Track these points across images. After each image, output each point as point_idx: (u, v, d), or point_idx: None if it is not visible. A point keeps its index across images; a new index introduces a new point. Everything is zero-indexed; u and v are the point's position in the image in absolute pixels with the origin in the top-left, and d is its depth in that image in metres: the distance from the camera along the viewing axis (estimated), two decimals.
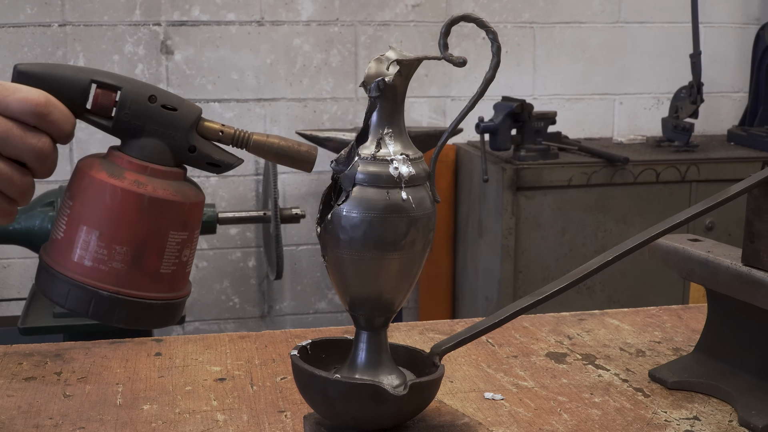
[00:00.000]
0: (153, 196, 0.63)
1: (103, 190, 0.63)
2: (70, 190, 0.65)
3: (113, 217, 0.63)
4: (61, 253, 0.64)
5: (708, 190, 2.48)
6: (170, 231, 0.64)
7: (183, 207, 0.65)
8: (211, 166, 0.67)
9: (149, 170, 0.64)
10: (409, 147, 0.72)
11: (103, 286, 0.63)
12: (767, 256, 0.87)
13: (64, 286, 0.63)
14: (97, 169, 0.64)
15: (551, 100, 2.92)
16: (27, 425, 0.84)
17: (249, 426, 0.85)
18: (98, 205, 0.63)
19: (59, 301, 0.64)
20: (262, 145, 0.68)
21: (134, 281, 0.64)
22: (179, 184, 0.65)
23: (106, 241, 0.63)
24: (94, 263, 0.63)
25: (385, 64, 0.71)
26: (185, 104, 0.66)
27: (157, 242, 0.64)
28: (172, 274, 0.65)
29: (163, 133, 0.65)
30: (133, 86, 0.65)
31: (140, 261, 0.64)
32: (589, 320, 1.15)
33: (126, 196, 0.63)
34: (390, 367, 0.75)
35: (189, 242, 0.66)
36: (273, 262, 2.29)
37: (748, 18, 3.03)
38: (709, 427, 0.85)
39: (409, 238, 0.71)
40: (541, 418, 0.87)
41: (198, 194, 0.66)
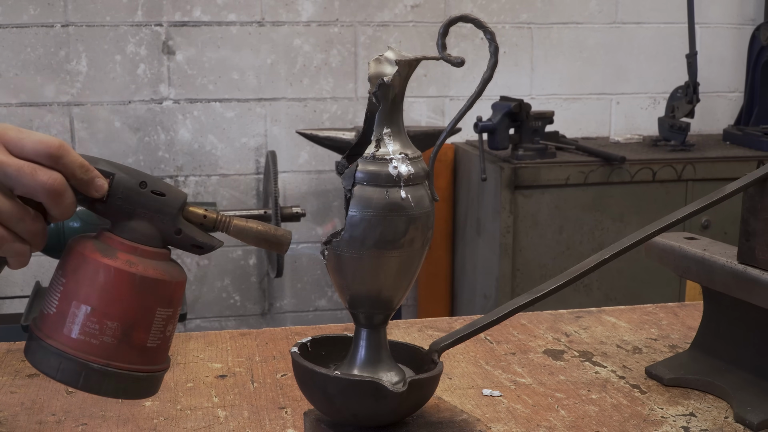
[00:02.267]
0: (144, 275, 0.66)
1: (97, 269, 0.66)
2: (62, 268, 0.68)
3: (106, 294, 0.66)
4: (53, 327, 0.67)
5: (704, 189, 2.49)
6: (157, 308, 0.67)
7: (170, 285, 0.68)
8: (194, 247, 0.71)
9: (139, 251, 0.67)
10: (408, 146, 0.73)
11: (94, 359, 0.66)
12: (762, 254, 0.87)
13: (56, 359, 0.66)
14: (90, 249, 0.67)
15: (549, 99, 2.93)
16: (30, 422, 0.85)
17: (250, 422, 0.85)
18: (92, 282, 0.66)
19: (50, 373, 0.66)
20: (242, 229, 0.72)
21: (123, 354, 0.66)
22: (166, 264, 0.69)
23: (98, 317, 0.66)
24: (86, 337, 0.66)
25: (385, 65, 0.71)
26: (172, 190, 0.70)
27: (146, 318, 0.67)
28: (157, 348, 0.68)
29: (152, 217, 0.69)
30: (126, 173, 0.68)
31: (129, 335, 0.66)
32: (586, 318, 1.16)
33: (119, 275, 0.66)
34: (389, 364, 0.76)
35: (173, 318, 0.69)
36: (273, 260, 2.30)
37: (743, 18, 3.04)
38: (705, 423, 0.86)
39: (408, 236, 0.72)
40: (538, 414, 0.88)
41: (182, 274, 0.70)
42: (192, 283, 2.75)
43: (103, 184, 0.67)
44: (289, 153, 2.75)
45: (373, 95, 0.71)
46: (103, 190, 0.67)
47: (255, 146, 2.73)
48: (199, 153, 2.71)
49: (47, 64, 2.56)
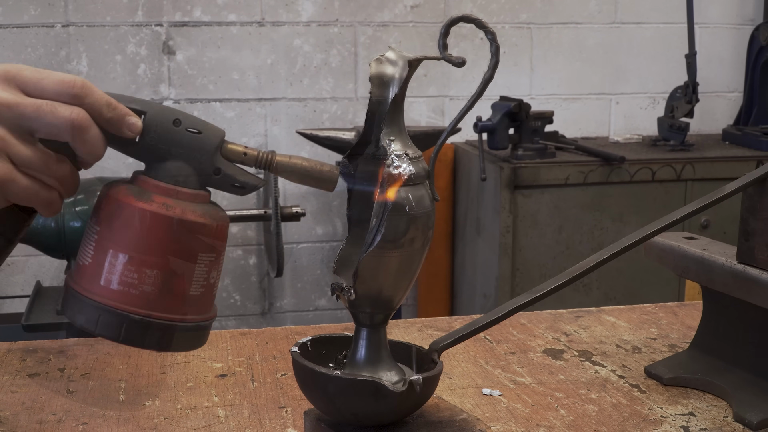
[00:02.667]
0: (182, 218, 0.63)
1: (132, 214, 0.62)
2: (96, 216, 0.64)
3: (142, 241, 0.62)
4: (89, 278, 0.63)
5: (703, 189, 2.49)
6: (199, 253, 0.64)
7: (210, 229, 0.64)
8: (235, 188, 0.67)
9: (176, 193, 0.64)
10: (408, 146, 0.73)
11: (134, 310, 0.62)
12: (762, 254, 0.87)
13: (94, 311, 0.62)
14: (124, 193, 0.63)
15: (548, 99, 2.93)
16: (30, 421, 0.85)
17: (250, 421, 0.85)
18: (127, 228, 0.62)
19: (89, 327, 0.63)
20: (286, 165, 0.68)
21: (165, 304, 0.63)
22: (206, 207, 0.65)
23: (136, 265, 0.62)
24: (125, 287, 0.62)
25: (386, 65, 0.71)
26: (209, 127, 0.66)
27: (187, 265, 0.63)
28: (200, 297, 0.65)
29: (189, 156, 0.65)
30: (158, 111, 0.64)
31: (170, 284, 0.63)
32: (585, 317, 1.16)
33: (155, 219, 0.62)
34: (389, 364, 0.76)
35: (216, 264, 0.65)
36: (273, 260, 2.30)
37: (742, 18, 3.04)
38: (705, 422, 0.86)
39: (408, 236, 0.72)
40: (538, 413, 0.88)
41: (223, 216, 0.66)
42: None
43: (137, 122, 0.63)
44: (289, 153, 2.74)
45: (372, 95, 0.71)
46: (137, 128, 0.63)
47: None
48: None
49: (48, 64, 2.56)
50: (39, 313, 1.94)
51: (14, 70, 0.61)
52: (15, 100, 0.60)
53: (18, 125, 0.61)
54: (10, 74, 0.61)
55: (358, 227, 0.76)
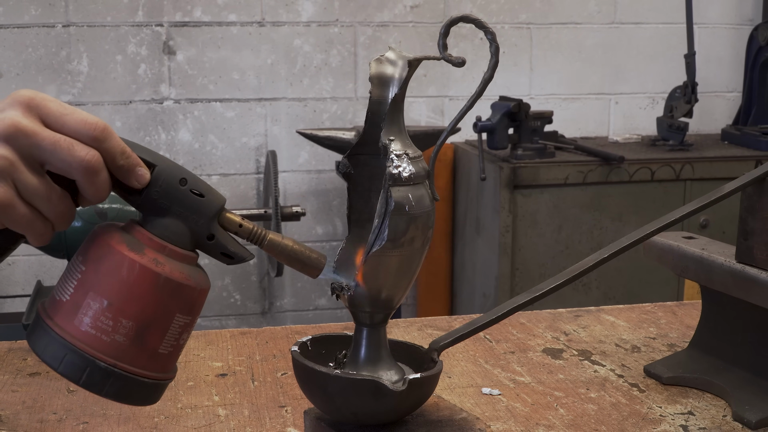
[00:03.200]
0: (169, 277, 0.63)
1: (122, 263, 0.62)
2: (84, 255, 0.64)
3: (126, 291, 0.62)
4: (63, 315, 0.63)
5: (702, 189, 2.49)
6: (176, 314, 0.64)
7: (193, 292, 0.64)
8: (223, 256, 0.67)
9: (168, 251, 0.64)
10: (408, 146, 0.73)
11: (102, 357, 0.62)
12: (761, 254, 0.88)
13: (61, 349, 0.62)
14: (117, 239, 0.63)
15: (548, 99, 2.94)
16: (31, 420, 0.85)
17: (250, 421, 0.86)
18: (113, 275, 0.62)
19: (52, 364, 0.63)
20: (276, 245, 0.68)
21: (133, 357, 0.63)
22: (192, 269, 0.65)
23: (114, 313, 0.62)
24: (97, 332, 0.62)
25: (386, 65, 0.72)
26: (212, 192, 0.66)
27: (163, 322, 0.63)
28: (168, 355, 0.65)
29: (187, 217, 0.65)
30: (167, 166, 0.65)
31: (142, 338, 0.63)
32: (585, 317, 1.17)
33: (143, 272, 0.62)
34: (389, 363, 0.76)
35: (189, 327, 0.66)
36: (273, 260, 2.30)
37: (741, 19, 3.04)
38: (704, 421, 0.86)
39: (408, 235, 0.72)
40: (537, 413, 0.88)
41: (206, 282, 0.66)
42: None
43: (145, 174, 0.63)
44: (289, 153, 2.75)
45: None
46: (145, 180, 0.63)
47: (255, 146, 2.74)
48: (199, 153, 2.71)
49: (48, 65, 2.57)
50: None
51: (39, 98, 0.61)
52: (34, 130, 0.60)
53: (31, 154, 0.61)
54: (35, 102, 0.61)
55: (358, 227, 0.76)
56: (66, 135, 0.61)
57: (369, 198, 0.75)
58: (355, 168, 0.75)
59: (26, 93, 0.61)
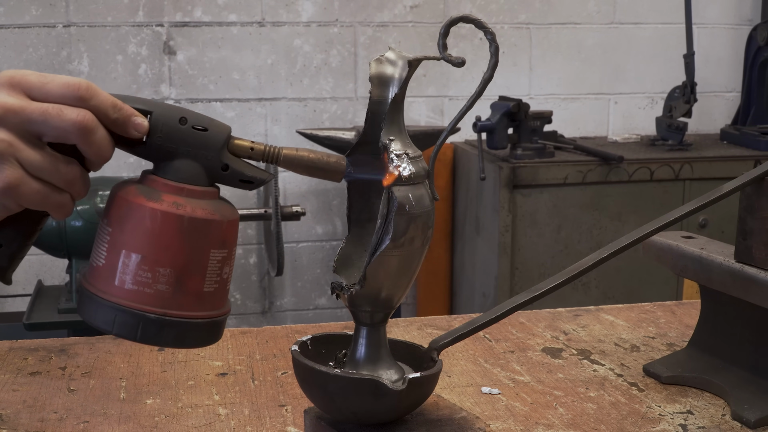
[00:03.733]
0: (192, 216, 0.63)
1: (143, 214, 0.63)
2: (107, 217, 0.65)
3: (155, 240, 0.63)
4: (103, 279, 0.64)
5: (701, 188, 2.50)
6: (211, 250, 0.64)
7: (221, 225, 0.65)
8: (243, 183, 0.67)
9: (186, 191, 0.64)
10: (408, 146, 0.73)
11: (150, 309, 0.63)
12: (759, 253, 0.88)
13: (110, 311, 0.63)
14: (134, 193, 0.64)
15: (547, 99, 2.94)
16: (32, 419, 0.85)
17: (250, 420, 0.86)
18: (138, 229, 0.63)
19: (105, 328, 0.63)
20: (293, 158, 0.68)
21: (179, 302, 0.63)
22: (215, 203, 0.65)
23: (149, 264, 0.63)
24: (139, 287, 0.63)
25: (386, 65, 0.72)
26: (215, 124, 0.66)
27: (199, 262, 0.64)
28: (214, 293, 0.65)
29: (196, 154, 0.65)
30: (164, 110, 0.65)
31: (184, 281, 0.63)
32: (584, 316, 1.17)
33: (166, 218, 0.63)
34: (389, 362, 0.76)
35: (228, 259, 0.66)
36: (274, 259, 2.30)
37: (740, 19, 3.05)
38: (703, 420, 0.86)
39: (408, 235, 0.72)
40: (537, 412, 0.88)
41: (233, 212, 0.67)
42: None
43: (143, 122, 0.63)
44: None
45: None
46: (144, 128, 0.63)
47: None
48: None
49: (49, 65, 2.57)
50: (40, 312, 1.94)
51: (19, 75, 0.62)
52: (21, 105, 0.61)
53: (25, 130, 0.61)
54: (15, 79, 0.61)
55: (357, 226, 0.76)
56: (53, 102, 0.61)
57: (369, 198, 0.76)
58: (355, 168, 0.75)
59: (5, 73, 0.62)
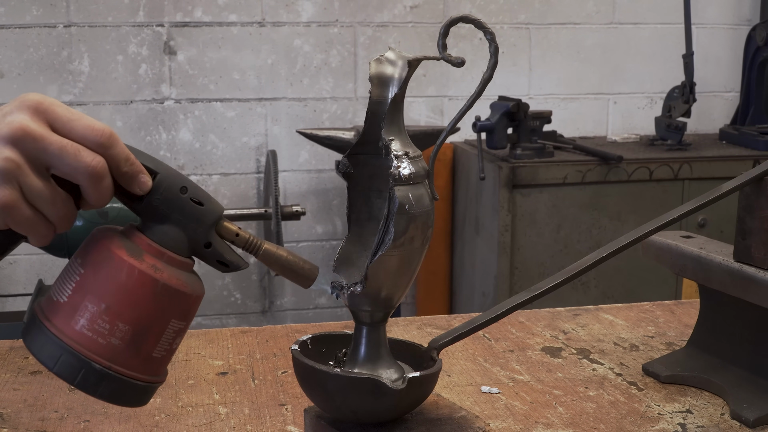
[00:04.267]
0: (167, 283, 0.64)
1: (121, 268, 0.63)
2: (83, 258, 0.65)
3: (124, 295, 0.63)
4: (60, 316, 0.64)
5: (700, 188, 2.50)
6: (172, 319, 0.65)
7: (189, 299, 0.66)
8: (219, 264, 0.68)
9: (166, 257, 0.65)
10: (408, 146, 0.73)
11: (97, 359, 0.63)
12: (758, 252, 0.88)
13: (58, 349, 0.63)
14: (117, 244, 0.64)
15: (547, 99, 2.94)
16: (33, 418, 0.85)
17: (250, 419, 0.86)
18: (112, 280, 0.63)
19: (47, 363, 0.64)
20: (271, 255, 0.69)
21: (127, 360, 0.64)
22: (189, 276, 0.66)
23: (111, 316, 0.63)
24: (93, 334, 0.63)
25: (386, 65, 0.72)
26: (211, 201, 0.67)
27: (158, 327, 0.64)
28: (160, 359, 0.66)
29: (186, 225, 0.66)
30: (169, 174, 0.66)
31: (138, 342, 0.64)
32: (583, 315, 1.17)
33: (142, 278, 0.63)
34: (389, 362, 0.76)
35: (183, 332, 0.67)
36: None
37: (739, 19, 3.05)
38: (702, 420, 0.86)
39: (408, 235, 0.72)
40: (536, 411, 0.88)
41: (201, 288, 0.68)
42: None
43: (147, 181, 0.64)
44: (289, 152, 2.76)
45: None
46: (147, 187, 0.64)
47: (255, 145, 2.74)
48: (200, 152, 2.71)
49: (50, 65, 2.57)
50: None
51: (47, 103, 0.62)
52: (41, 134, 0.61)
53: (37, 158, 0.61)
54: (43, 106, 0.62)
55: (357, 226, 0.76)
56: (73, 140, 0.62)
57: (369, 197, 0.76)
58: (355, 167, 0.75)
59: (35, 97, 0.62)
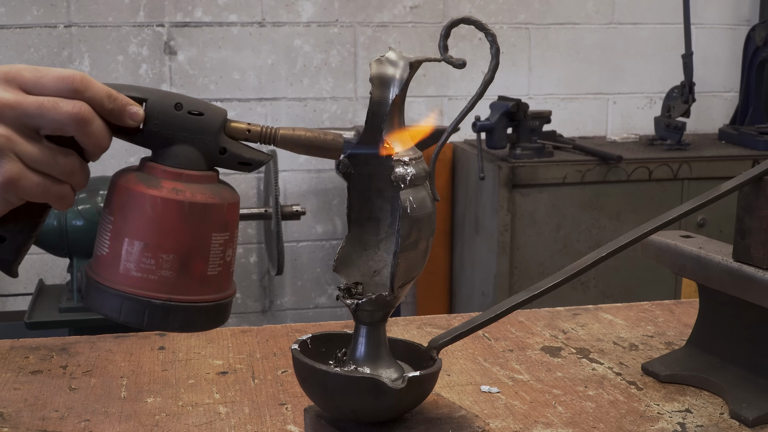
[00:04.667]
0: (192, 201, 0.63)
1: (143, 202, 0.63)
2: (109, 206, 0.65)
3: (156, 227, 0.63)
4: (108, 268, 0.64)
5: (700, 188, 2.50)
6: (212, 233, 0.64)
7: (222, 208, 0.65)
8: (242, 165, 0.68)
9: (184, 176, 0.64)
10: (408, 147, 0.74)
11: (155, 295, 0.63)
12: (757, 252, 0.88)
13: (116, 299, 0.63)
14: (133, 181, 0.64)
15: (546, 99, 2.94)
16: (33, 418, 0.85)
17: (250, 418, 0.86)
18: (140, 216, 0.63)
19: (113, 315, 0.64)
20: (290, 138, 0.69)
21: (184, 287, 0.64)
22: (215, 187, 0.65)
23: (152, 251, 0.63)
24: (143, 273, 0.63)
25: (386, 65, 0.72)
26: (210, 108, 0.66)
27: (202, 246, 0.64)
28: (218, 275, 0.65)
29: (193, 138, 0.65)
30: (158, 97, 0.65)
31: (188, 266, 0.64)
32: (583, 315, 1.17)
33: (166, 204, 0.63)
34: (388, 361, 0.76)
35: (231, 242, 0.66)
36: (274, 258, 2.31)
37: (738, 19, 3.05)
38: (701, 419, 0.86)
39: (411, 237, 0.72)
40: (536, 410, 0.88)
41: (234, 195, 0.67)
42: None
43: (138, 111, 0.64)
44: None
45: None
46: (139, 117, 0.64)
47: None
48: None
49: (50, 65, 2.57)
50: (42, 311, 1.95)
51: (13, 70, 0.62)
52: (17, 100, 0.61)
53: (23, 124, 0.62)
54: (10, 75, 0.62)
55: (357, 226, 0.76)
56: (48, 96, 0.62)
57: (369, 197, 0.76)
58: (355, 167, 0.75)
59: (1, 69, 0.62)
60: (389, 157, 0.72)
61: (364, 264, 0.75)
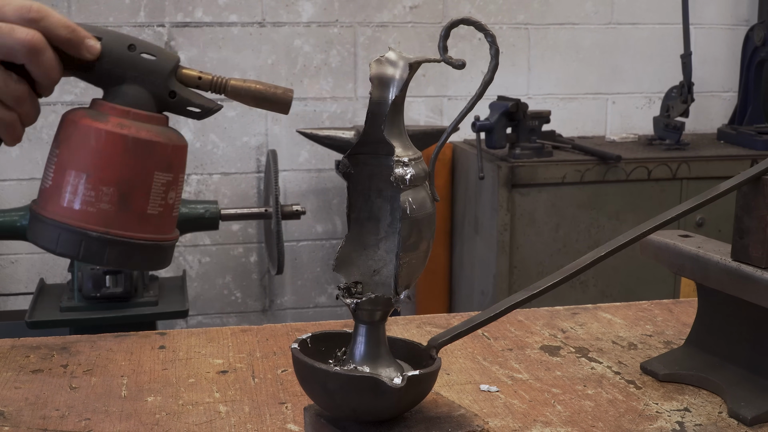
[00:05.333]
0: (136, 137, 0.65)
1: (88, 134, 0.65)
2: (56, 140, 0.67)
3: (99, 159, 0.64)
4: (50, 199, 0.65)
5: (698, 188, 2.50)
6: (155, 172, 0.65)
7: (166, 148, 0.66)
8: (191, 112, 0.69)
9: (131, 114, 0.66)
10: (408, 148, 0.73)
11: (92, 227, 0.64)
12: (756, 252, 0.88)
13: (54, 230, 0.64)
14: (81, 115, 0.66)
15: (545, 99, 2.94)
16: (34, 416, 0.85)
17: (250, 417, 0.86)
18: (84, 148, 0.64)
19: (50, 246, 0.65)
20: (240, 89, 0.70)
21: (122, 222, 0.64)
22: (162, 128, 0.67)
23: (93, 183, 0.64)
24: (83, 206, 0.64)
25: (386, 65, 0.72)
26: (164, 52, 0.68)
27: (143, 183, 0.65)
28: (159, 216, 0.66)
29: (144, 80, 0.67)
30: (113, 37, 0.67)
31: (127, 201, 0.64)
32: (582, 314, 1.17)
33: (110, 137, 0.64)
34: (388, 360, 0.76)
35: (174, 185, 0.67)
36: (274, 258, 2.31)
37: (737, 19, 3.05)
38: (700, 418, 0.87)
39: (411, 238, 0.72)
40: (535, 409, 0.89)
41: (181, 139, 0.68)
42: (194, 280, 2.76)
43: (96, 44, 0.65)
44: (289, 152, 2.76)
45: None
46: (96, 50, 0.65)
47: (256, 145, 2.74)
48: (200, 152, 2.72)
49: None
50: (42, 310, 1.95)
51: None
52: None
53: None
54: None
55: (357, 225, 0.77)
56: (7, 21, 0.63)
57: (369, 197, 0.76)
58: (355, 167, 0.75)
59: None
60: (389, 158, 0.72)
61: (364, 263, 0.76)
